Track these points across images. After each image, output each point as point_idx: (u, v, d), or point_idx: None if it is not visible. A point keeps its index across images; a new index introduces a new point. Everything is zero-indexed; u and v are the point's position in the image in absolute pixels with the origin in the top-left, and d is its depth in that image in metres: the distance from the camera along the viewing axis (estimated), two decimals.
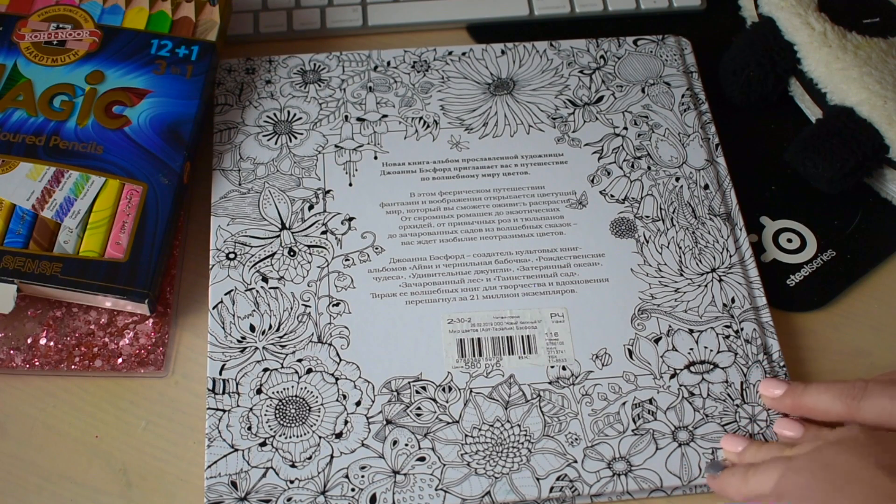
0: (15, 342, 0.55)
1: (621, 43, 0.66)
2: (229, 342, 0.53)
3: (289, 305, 0.54)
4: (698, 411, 0.52)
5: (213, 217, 0.57)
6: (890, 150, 0.59)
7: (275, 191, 0.58)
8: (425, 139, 0.61)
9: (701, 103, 0.63)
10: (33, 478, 0.51)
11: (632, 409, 0.52)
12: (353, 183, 0.59)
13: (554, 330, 0.54)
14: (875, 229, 0.61)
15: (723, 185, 0.60)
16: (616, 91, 0.63)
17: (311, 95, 0.62)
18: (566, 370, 0.53)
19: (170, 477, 0.51)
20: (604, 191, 0.59)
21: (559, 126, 0.62)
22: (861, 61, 0.60)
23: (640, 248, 0.57)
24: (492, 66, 0.64)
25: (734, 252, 0.57)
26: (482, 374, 0.53)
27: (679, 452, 0.51)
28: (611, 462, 0.50)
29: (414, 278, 0.56)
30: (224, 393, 0.52)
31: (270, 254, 0.56)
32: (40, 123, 0.57)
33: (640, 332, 0.54)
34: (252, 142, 0.60)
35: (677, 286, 0.56)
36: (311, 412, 0.51)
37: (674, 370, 0.53)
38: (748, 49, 0.64)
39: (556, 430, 0.51)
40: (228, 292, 0.55)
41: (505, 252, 0.57)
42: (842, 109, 0.60)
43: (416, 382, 0.52)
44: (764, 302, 0.56)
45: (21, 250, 0.53)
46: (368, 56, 0.64)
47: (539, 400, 0.52)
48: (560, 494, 0.50)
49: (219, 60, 0.62)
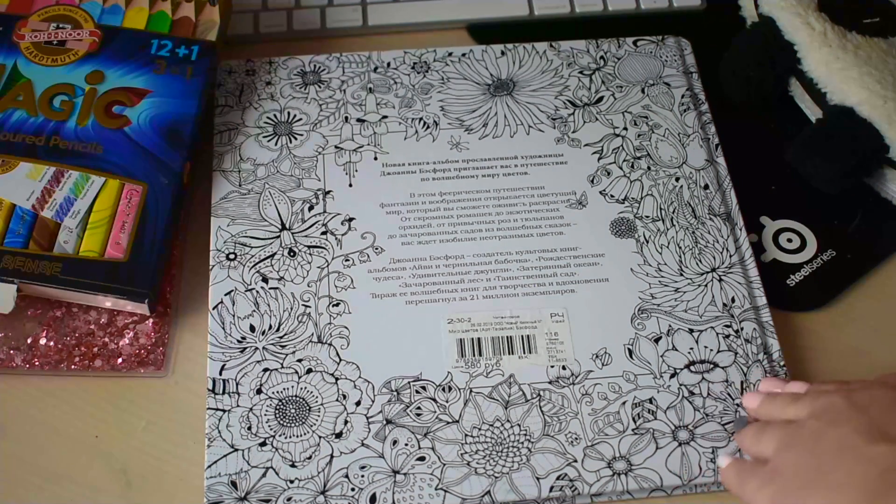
0: (15, 342, 0.55)
1: (621, 44, 0.66)
2: (229, 342, 0.53)
3: (289, 306, 0.54)
4: (698, 411, 0.52)
5: (214, 218, 0.57)
6: (890, 150, 0.59)
7: (275, 191, 0.58)
8: (425, 140, 0.61)
9: (701, 103, 0.63)
10: (33, 478, 0.51)
11: (632, 408, 0.52)
12: (353, 183, 0.59)
13: (554, 330, 0.54)
14: (875, 229, 0.61)
15: (723, 185, 0.60)
16: (616, 91, 0.63)
17: (311, 96, 0.62)
18: (566, 370, 0.53)
19: (170, 477, 0.51)
20: (604, 191, 0.59)
21: (559, 126, 0.62)
22: (861, 61, 0.60)
23: (640, 248, 0.57)
24: (492, 67, 0.64)
25: (734, 252, 0.57)
26: (482, 374, 0.53)
27: (679, 452, 0.51)
28: (611, 461, 0.50)
29: (414, 278, 0.56)
30: (224, 393, 0.52)
31: (270, 254, 0.56)
32: (40, 123, 0.57)
33: (640, 331, 0.54)
34: (252, 143, 0.60)
35: (677, 286, 0.56)
36: (310, 412, 0.51)
37: (674, 370, 0.53)
38: (748, 49, 0.64)
39: (556, 430, 0.51)
40: (228, 293, 0.55)
41: (505, 252, 0.57)
42: (842, 109, 0.60)
43: (416, 382, 0.52)
44: (764, 302, 0.56)
45: (21, 250, 0.53)
46: (368, 57, 0.64)
47: (539, 399, 0.52)
48: (560, 494, 0.50)
49: (219, 60, 0.62)
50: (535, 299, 0.55)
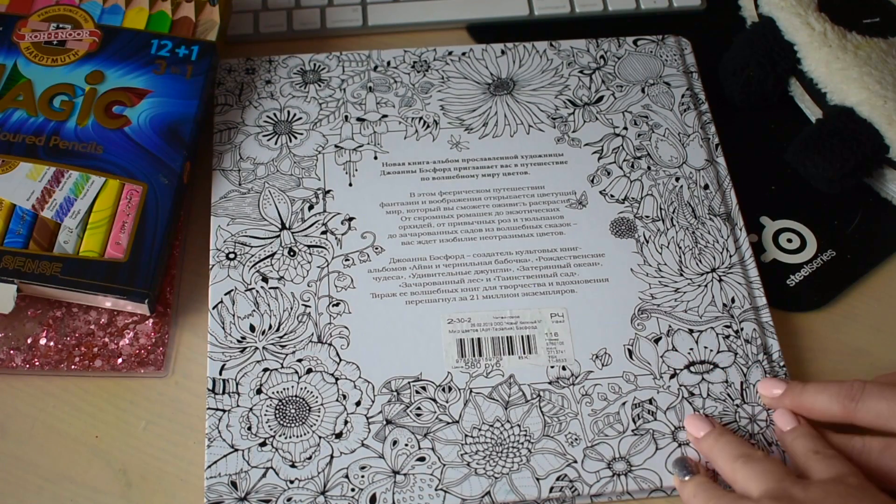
0: (15, 342, 0.55)
1: (621, 43, 0.66)
2: (229, 342, 0.53)
3: (289, 305, 0.54)
4: (698, 411, 0.52)
5: (213, 217, 0.57)
6: (890, 150, 0.59)
7: (275, 191, 0.58)
8: (425, 139, 0.61)
9: (701, 103, 0.63)
10: (33, 478, 0.51)
11: (632, 409, 0.52)
12: (353, 183, 0.59)
13: (554, 330, 0.54)
14: (875, 229, 0.61)
15: (723, 185, 0.60)
16: (616, 91, 0.63)
17: (311, 95, 0.62)
18: (566, 370, 0.53)
19: (170, 477, 0.51)
20: (604, 191, 0.59)
21: (559, 126, 0.62)
22: (861, 61, 0.60)
23: (640, 248, 0.57)
24: (492, 66, 0.64)
25: (734, 252, 0.57)
26: (482, 375, 0.53)
27: (679, 453, 0.51)
28: (611, 462, 0.50)
29: (414, 278, 0.56)
30: (224, 393, 0.52)
31: (270, 254, 0.56)
32: (40, 123, 0.57)
33: (639, 332, 0.54)
34: (252, 142, 0.60)
35: (677, 286, 0.56)
36: (310, 412, 0.51)
37: (674, 370, 0.53)
38: (748, 49, 0.64)
39: (555, 431, 0.51)
40: (228, 292, 0.55)
41: (505, 252, 0.57)
42: (842, 109, 0.60)
43: (416, 382, 0.52)
44: (764, 302, 0.56)
45: (21, 250, 0.53)
46: (368, 56, 0.64)
47: (539, 400, 0.52)
48: (560, 494, 0.50)
49: (219, 60, 0.62)
50: (535, 299, 0.55)
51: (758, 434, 0.51)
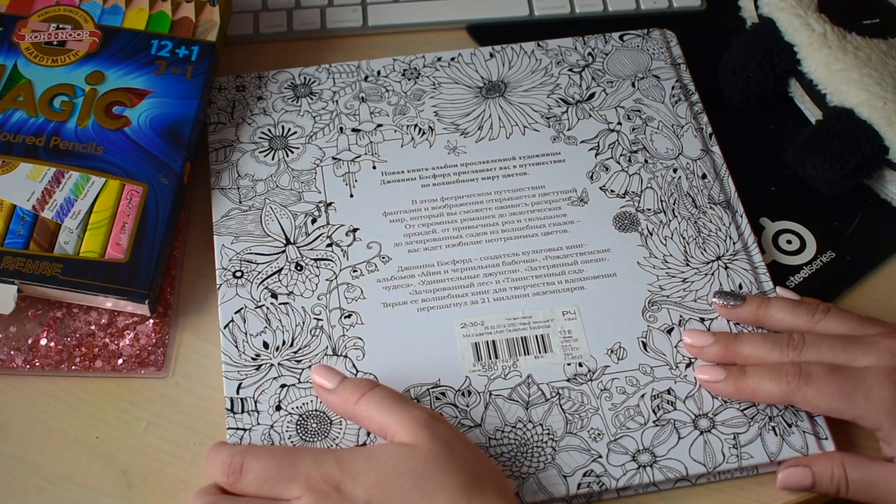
0: (15, 343, 0.54)
1: (608, 39, 0.66)
2: (244, 360, 0.53)
3: (300, 320, 0.54)
4: (716, 398, 0.52)
5: (217, 236, 0.57)
6: (890, 152, 0.59)
7: (276, 206, 0.58)
8: (422, 146, 0.61)
9: (691, 94, 0.63)
10: (34, 479, 0.51)
11: (651, 400, 0.52)
12: (354, 194, 0.59)
13: (567, 327, 0.54)
14: (875, 231, 0.61)
15: (720, 173, 0.60)
16: (607, 87, 0.63)
17: (304, 109, 0.62)
18: (583, 366, 0.53)
19: (170, 478, 0.51)
20: (603, 186, 0.59)
21: (554, 125, 0.62)
22: (861, 62, 0.60)
23: (645, 241, 0.57)
24: (482, 70, 0.64)
25: (737, 239, 0.57)
26: (500, 377, 0.53)
27: (702, 440, 0.51)
28: (635, 454, 0.50)
29: (423, 285, 0.55)
30: (243, 412, 0.51)
31: (277, 269, 0.56)
32: (40, 124, 0.57)
33: (652, 323, 0.54)
34: (248, 158, 0.60)
35: (685, 276, 0.56)
36: (332, 425, 0.51)
37: (689, 359, 0.53)
38: (748, 50, 0.64)
39: (578, 427, 0.51)
40: (238, 311, 0.54)
41: (511, 253, 0.57)
42: (842, 111, 0.60)
43: (435, 389, 0.52)
44: (771, 286, 0.56)
45: (21, 251, 0.53)
46: (358, 66, 0.64)
47: (559, 398, 0.52)
48: (588, 490, 0.50)
49: (219, 60, 0.62)
50: (545, 298, 0.55)
51: (777, 416, 0.51)
